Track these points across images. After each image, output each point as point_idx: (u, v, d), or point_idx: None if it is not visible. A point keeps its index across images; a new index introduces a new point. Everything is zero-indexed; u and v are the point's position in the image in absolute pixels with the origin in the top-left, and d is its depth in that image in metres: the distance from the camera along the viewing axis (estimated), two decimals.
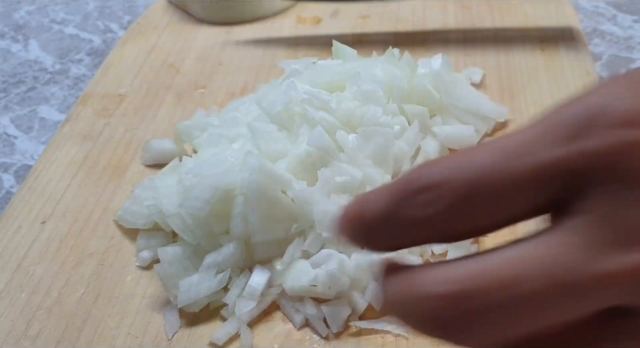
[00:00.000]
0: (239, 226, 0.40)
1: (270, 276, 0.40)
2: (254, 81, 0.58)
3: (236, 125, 0.46)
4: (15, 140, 0.59)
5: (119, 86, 0.60)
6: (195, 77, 0.60)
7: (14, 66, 0.69)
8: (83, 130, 0.55)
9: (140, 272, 0.43)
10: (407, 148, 0.44)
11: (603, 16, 0.68)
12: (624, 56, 0.62)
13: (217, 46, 0.64)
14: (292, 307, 0.39)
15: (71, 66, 0.68)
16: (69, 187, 0.49)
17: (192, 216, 0.40)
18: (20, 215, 0.47)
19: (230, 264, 0.40)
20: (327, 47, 0.56)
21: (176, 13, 0.70)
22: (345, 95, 0.45)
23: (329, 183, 0.41)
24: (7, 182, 0.55)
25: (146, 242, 0.44)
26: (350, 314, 0.38)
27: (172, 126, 0.53)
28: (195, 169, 0.41)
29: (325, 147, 0.41)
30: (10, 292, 0.42)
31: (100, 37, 0.72)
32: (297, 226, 0.40)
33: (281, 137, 0.44)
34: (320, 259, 0.38)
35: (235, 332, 0.38)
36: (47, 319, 0.40)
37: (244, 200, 0.40)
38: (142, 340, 0.39)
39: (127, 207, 0.45)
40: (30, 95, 0.64)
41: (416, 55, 0.52)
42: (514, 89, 0.53)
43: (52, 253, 0.44)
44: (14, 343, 0.39)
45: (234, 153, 0.42)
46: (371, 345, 0.37)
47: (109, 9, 0.77)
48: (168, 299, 0.40)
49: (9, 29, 0.75)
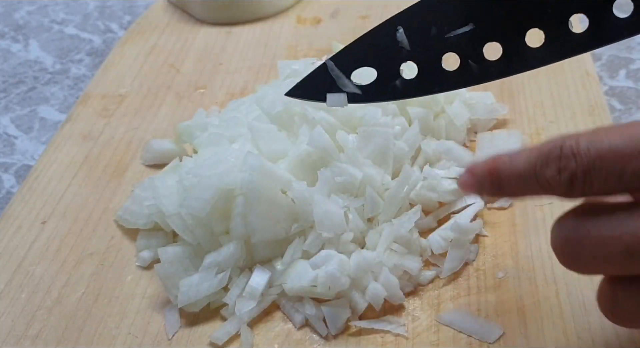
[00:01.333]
0: (239, 226, 0.40)
1: (270, 276, 0.40)
2: (254, 81, 0.59)
3: (236, 125, 0.46)
4: (16, 140, 0.59)
5: (119, 86, 0.60)
6: (195, 77, 0.60)
7: (14, 66, 0.69)
8: (83, 130, 0.55)
9: (140, 272, 0.43)
10: (407, 148, 0.44)
11: None
12: (624, 56, 0.62)
13: (217, 46, 0.64)
14: (292, 307, 0.39)
15: (71, 66, 0.68)
16: (69, 187, 0.49)
17: (192, 216, 0.40)
18: (20, 215, 0.47)
19: (230, 264, 0.40)
20: (327, 47, 0.56)
21: (176, 13, 0.70)
22: None
23: (329, 183, 0.41)
24: (7, 182, 0.55)
25: (146, 242, 0.44)
26: (350, 314, 0.38)
27: (172, 126, 0.53)
28: (195, 169, 0.41)
29: (325, 147, 0.41)
30: (10, 292, 0.42)
31: (100, 37, 0.72)
32: (297, 226, 0.40)
33: (281, 137, 0.44)
34: (320, 260, 0.38)
35: (235, 332, 0.38)
36: (47, 319, 0.40)
37: (244, 200, 0.40)
38: (142, 340, 0.39)
39: (127, 207, 0.45)
40: (30, 95, 0.64)
41: None
42: (514, 89, 0.53)
43: (52, 253, 0.44)
44: (14, 343, 0.39)
45: (234, 153, 0.42)
46: (371, 345, 0.37)
47: (109, 9, 0.77)
48: (168, 299, 0.40)
49: (9, 29, 0.75)
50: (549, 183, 0.28)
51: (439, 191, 0.42)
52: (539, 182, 0.29)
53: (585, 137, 0.28)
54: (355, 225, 0.40)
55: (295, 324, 0.39)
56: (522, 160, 0.29)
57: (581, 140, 0.28)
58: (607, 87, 0.58)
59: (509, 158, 0.30)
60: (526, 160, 0.29)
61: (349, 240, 0.40)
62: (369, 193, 0.41)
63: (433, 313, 0.38)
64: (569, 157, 0.28)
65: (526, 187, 0.29)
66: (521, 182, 0.29)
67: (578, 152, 0.27)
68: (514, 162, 0.30)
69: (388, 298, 0.38)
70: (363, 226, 0.41)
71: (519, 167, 0.29)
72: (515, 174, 0.29)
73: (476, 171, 0.31)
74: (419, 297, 0.39)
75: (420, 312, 0.38)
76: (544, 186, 0.29)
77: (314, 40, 0.63)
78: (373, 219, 0.42)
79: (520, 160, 0.29)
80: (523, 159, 0.29)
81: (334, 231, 0.39)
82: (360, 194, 0.41)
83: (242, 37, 0.65)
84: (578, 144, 0.27)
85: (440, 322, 0.38)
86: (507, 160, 0.30)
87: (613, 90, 0.58)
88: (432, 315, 0.38)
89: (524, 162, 0.29)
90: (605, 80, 0.59)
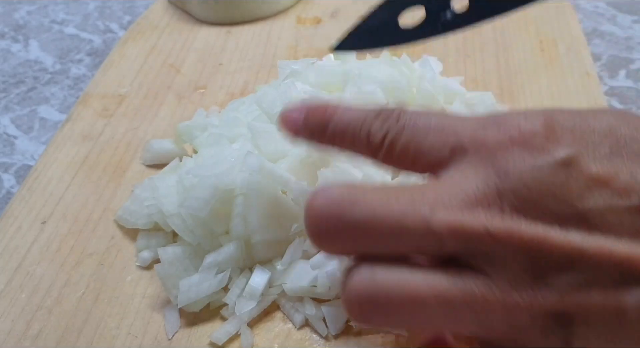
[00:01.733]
0: (239, 226, 0.40)
1: (270, 276, 0.40)
2: (254, 81, 0.59)
3: (236, 125, 0.46)
4: (15, 140, 0.59)
5: (119, 86, 0.60)
6: (195, 77, 0.60)
7: (14, 66, 0.69)
8: (83, 130, 0.55)
9: (140, 272, 0.43)
10: None
11: (603, 16, 0.68)
12: (624, 56, 0.62)
13: (217, 46, 0.64)
14: (292, 307, 0.39)
15: (71, 66, 0.68)
16: (69, 187, 0.49)
17: (192, 216, 0.40)
18: (20, 215, 0.47)
19: (230, 264, 0.40)
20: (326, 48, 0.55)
21: (176, 13, 0.70)
22: (345, 96, 0.45)
23: (329, 183, 0.41)
24: (7, 182, 0.55)
25: (146, 242, 0.44)
26: None
27: (172, 126, 0.53)
28: (195, 169, 0.41)
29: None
30: (10, 292, 0.42)
31: (100, 37, 0.72)
32: (297, 226, 0.40)
33: (281, 137, 0.44)
34: (320, 260, 0.38)
35: (235, 332, 0.38)
36: (47, 319, 0.40)
37: (244, 200, 0.40)
38: (142, 340, 0.39)
39: (127, 207, 0.45)
40: (30, 95, 0.64)
41: (416, 55, 0.53)
42: (514, 89, 0.53)
43: (52, 253, 0.44)
44: (14, 343, 0.39)
45: (234, 153, 0.42)
46: (371, 345, 0.37)
47: (109, 9, 0.77)
48: (168, 299, 0.40)
49: (9, 29, 0.75)
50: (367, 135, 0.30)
51: None
52: (361, 133, 0.30)
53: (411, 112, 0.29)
54: None
55: (295, 324, 0.39)
56: (357, 111, 0.31)
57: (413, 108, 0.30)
58: (607, 87, 0.58)
59: (347, 106, 0.31)
60: (360, 112, 0.30)
61: None
62: None
63: None
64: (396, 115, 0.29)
65: (349, 136, 0.30)
66: (348, 129, 0.30)
67: (404, 112, 0.29)
68: (349, 109, 0.31)
69: None
70: None
71: (351, 114, 0.31)
72: (346, 119, 0.31)
73: (309, 105, 0.32)
74: None
75: None
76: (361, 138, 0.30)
77: (314, 40, 0.63)
78: None
79: (355, 110, 0.31)
80: (358, 110, 0.31)
81: None
82: None
83: (242, 37, 0.65)
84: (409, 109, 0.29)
85: None
86: (343, 107, 0.31)
87: (613, 90, 0.58)
88: None
89: (357, 112, 0.30)
90: (606, 80, 0.59)
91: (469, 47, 0.60)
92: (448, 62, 0.58)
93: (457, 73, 0.56)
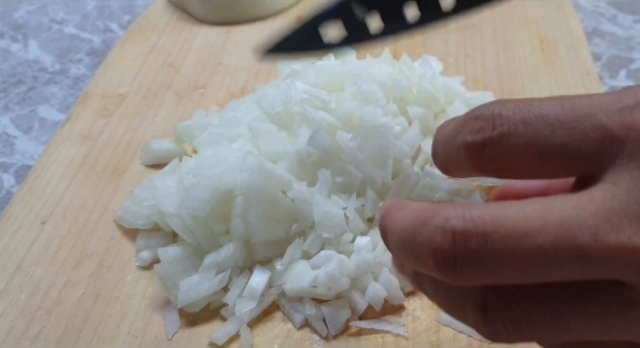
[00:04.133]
0: (239, 226, 0.40)
1: (270, 276, 0.40)
2: (254, 81, 0.59)
3: (236, 125, 0.46)
4: (15, 140, 0.59)
5: (119, 86, 0.60)
6: (195, 77, 0.60)
7: (13, 66, 0.69)
8: (83, 130, 0.55)
9: (140, 272, 0.43)
10: (407, 148, 0.44)
11: (603, 16, 0.68)
12: (624, 56, 0.62)
13: (217, 46, 0.64)
14: (292, 307, 0.39)
15: (71, 66, 0.68)
16: (69, 187, 0.49)
17: (192, 216, 0.40)
18: (20, 215, 0.47)
19: (230, 264, 0.40)
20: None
21: (176, 13, 0.70)
22: (345, 96, 0.45)
23: (329, 183, 0.41)
24: (7, 182, 0.55)
25: (146, 242, 0.44)
26: (350, 314, 0.38)
27: (172, 126, 0.53)
28: (195, 169, 0.41)
29: (325, 147, 0.41)
30: (10, 292, 0.42)
31: (100, 37, 0.72)
32: (297, 226, 0.40)
33: (281, 137, 0.44)
34: (320, 260, 0.38)
35: (235, 332, 0.38)
36: (47, 319, 0.40)
37: (244, 200, 0.40)
38: (142, 340, 0.39)
39: (127, 207, 0.45)
40: (30, 95, 0.64)
41: (416, 55, 0.52)
42: (514, 89, 0.53)
43: (52, 254, 0.44)
44: (14, 343, 0.39)
45: (234, 153, 0.42)
46: (371, 345, 0.37)
47: (108, 8, 0.77)
48: (168, 299, 0.40)
49: (9, 29, 0.75)
50: (463, 148, 0.23)
51: (439, 191, 0.42)
52: (457, 148, 0.24)
53: (515, 101, 0.23)
54: (355, 225, 0.40)
55: (295, 324, 0.39)
56: (451, 123, 0.25)
57: (508, 103, 0.23)
58: (607, 87, 0.58)
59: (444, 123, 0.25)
60: (453, 123, 0.24)
61: (349, 240, 0.40)
62: (369, 194, 0.41)
63: (433, 314, 0.38)
64: (487, 118, 0.22)
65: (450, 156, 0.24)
66: (445, 149, 0.25)
67: (499, 114, 0.22)
68: (444, 126, 0.25)
69: (388, 298, 0.38)
70: (363, 226, 0.41)
71: (446, 131, 0.25)
72: (442, 139, 0.25)
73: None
74: (419, 297, 0.39)
75: (421, 312, 0.38)
76: (459, 152, 0.23)
77: None
78: (373, 219, 0.42)
79: (449, 124, 0.25)
80: (452, 122, 0.24)
81: (334, 231, 0.39)
82: (360, 194, 0.41)
83: (242, 37, 0.65)
84: (504, 106, 0.23)
85: (441, 322, 0.38)
86: (441, 126, 0.25)
87: (613, 90, 0.58)
88: (432, 315, 0.38)
89: (451, 126, 0.24)
90: (606, 80, 0.59)
91: (469, 46, 0.60)
92: (448, 61, 0.57)
93: (458, 73, 0.56)
